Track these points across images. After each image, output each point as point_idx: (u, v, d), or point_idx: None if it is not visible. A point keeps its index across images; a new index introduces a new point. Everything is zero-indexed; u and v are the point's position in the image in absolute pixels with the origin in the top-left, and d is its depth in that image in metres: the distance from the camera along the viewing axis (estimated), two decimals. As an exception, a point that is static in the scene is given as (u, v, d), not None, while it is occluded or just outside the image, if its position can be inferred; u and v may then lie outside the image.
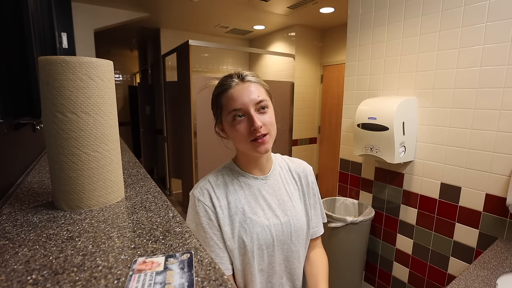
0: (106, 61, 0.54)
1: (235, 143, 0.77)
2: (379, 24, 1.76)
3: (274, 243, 0.75)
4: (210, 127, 3.26)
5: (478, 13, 1.33)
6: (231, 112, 0.71)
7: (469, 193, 1.43)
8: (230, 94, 0.72)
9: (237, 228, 0.73)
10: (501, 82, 1.28)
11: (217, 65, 4.61)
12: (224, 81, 0.75)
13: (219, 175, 0.80)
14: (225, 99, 0.73)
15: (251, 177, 0.79)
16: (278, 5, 3.07)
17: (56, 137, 0.51)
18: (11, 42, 0.85)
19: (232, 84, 0.73)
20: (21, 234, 0.45)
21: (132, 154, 1.10)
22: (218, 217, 0.73)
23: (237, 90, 0.72)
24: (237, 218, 0.74)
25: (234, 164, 0.82)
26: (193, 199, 0.76)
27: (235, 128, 0.72)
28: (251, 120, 0.70)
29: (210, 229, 0.73)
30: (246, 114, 0.71)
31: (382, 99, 1.70)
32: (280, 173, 0.84)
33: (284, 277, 0.79)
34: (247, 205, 0.75)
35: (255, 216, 0.74)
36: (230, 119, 0.72)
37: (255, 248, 0.73)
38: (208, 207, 0.73)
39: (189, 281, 0.34)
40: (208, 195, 0.75)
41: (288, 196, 0.81)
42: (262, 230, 0.74)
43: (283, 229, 0.77)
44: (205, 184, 0.77)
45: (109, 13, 3.20)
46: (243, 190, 0.77)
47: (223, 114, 0.74)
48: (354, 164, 2.05)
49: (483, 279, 1.03)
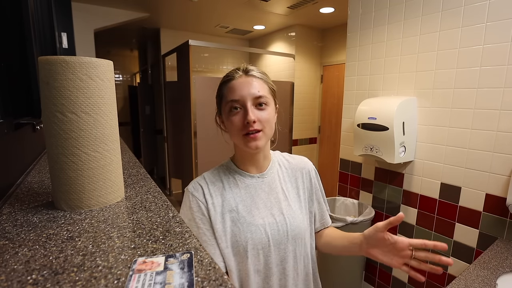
0: (106, 61, 0.54)
1: (230, 136, 0.76)
2: (379, 24, 1.76)
3: (270, 243, 0.74)
4: (210, 127, 3.27)
5: (478, 13, 1.33)
6: (228, 103, 0.72)
7: (469, 193, 1.43)
8: (232, 85, 0.72)
9: (230, 226, 0.73)
10: (501, 82, 1.28)
11: (217, 65, 4.61)
12: (229, 72, 0.76)
13: (216, 172, 0.80)
14: (226, 90, 0.73)
15: (247, 175, 0.79)
16: (278, 5, 3.07)
17: (56, 137, 0.51)
18: (11, 42, 0.85)
19: (236, 76, 0.73)
20: (21, 234, 0.45)
21: (132, 154, 1.10)
22: (210, 214, 0.73)
23: (238, 82, 0.72)
24: (229, 216, 0.73)
25: (231, 162, 0.82)
26: (187, 194, 0.76)
27: (230, 119, 0.72)
28: (245, 113, 0.70)
29: (203, 225, 0.73)
30: (243, 106, 0.71)
31: (382, 99, 1.70)
32: (278, 171, 0.83)
33: (283, 278, 0.76)
34: (241, 203, 0.75)
35: (249, 215, 0.74)
36: (227, 110, 0.73)
37: (249, 248, 0.72)
38: (202, 203, 0.74)
39: (189, 281, 0.34)
40: (201, 191, 0.75)
41: (284, 195, 0.80)
42: (257, 229, 0.73)
43: (279, 228, 0.75)
44: (200, 180, 0.77)
45: (109, 13, 3.20)
46: (239, 188, 0.77)
47: (222, 104, 0.75)
48: (354, 164, 2.05)
49: (483, 279, 1.03)
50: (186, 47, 2.95)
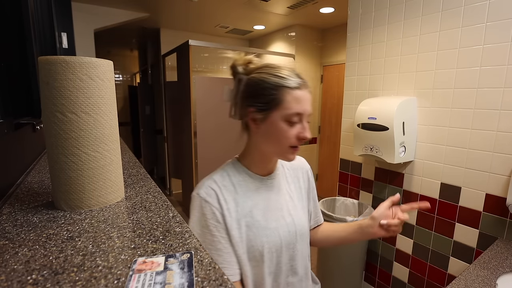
0: (106, 61, 0.54)
1: (264, 141, 0.72)
2: (379, 24, 1.76)
3: (282, 245, 0.74)
4: (210, 127, 3.26)
5: (478, 13, 1.33)
6: (290, 114, 0.67)
7: (469, 193, 1.43)
8: (297, 94, 0.68)
9: (245, 232, 0.70)
10: (501, 82, 1.28)
11: (217, 65, 4.61)
12: (286, 75, 0.70)
13: (225, 175, 0.75)
14: (290, 96, 0.67)
15: (258, 177, 0.76)
16: (278, 5, 3.07)
17: (56, 137, 0.51)
18: (11, 42, 0.85)
19: (299, 84, 0.69)
20: (21, 234, 0.45)
21: (132, 154, 1.10)
22: (226, 221, 0.69)
23: (303, 93, 0.69)
24: (244, 221, 0.71)
25: (239, 164, 0.77)
26: (199, 200, 0.71)
27: (284, 128, 0.68)
28: (303, 129, 0.69)
29: (218, 232, 0.69)
30: (301, 121, 0.69)
31: (382, 99, 1.70)
32: (282, 172, 0.83)
33: (290, 276, 0.78)
34: (255, 207, 0.73)
35: (263, 219, 0.73)
36: (283, 117, 0.67)
37: (265, 252, 0.71)
38: (216, 209, 0.69)
39: (189, 281, 0.34)
40: (215, 196, 0.70)
41: (290, 196, 0.81)
42: (271, 232, 0.72)
43: (289, 229, 0.76)
44: (211, 184, 0.72)
45: (109, 13, 3.20)
46: (251, 191, 0.74)
47: (277, 109, 0.68)
48: (354, 164, 2.05)
49: (483, 279, 1.03)
50: (186, 47, 2.95)
